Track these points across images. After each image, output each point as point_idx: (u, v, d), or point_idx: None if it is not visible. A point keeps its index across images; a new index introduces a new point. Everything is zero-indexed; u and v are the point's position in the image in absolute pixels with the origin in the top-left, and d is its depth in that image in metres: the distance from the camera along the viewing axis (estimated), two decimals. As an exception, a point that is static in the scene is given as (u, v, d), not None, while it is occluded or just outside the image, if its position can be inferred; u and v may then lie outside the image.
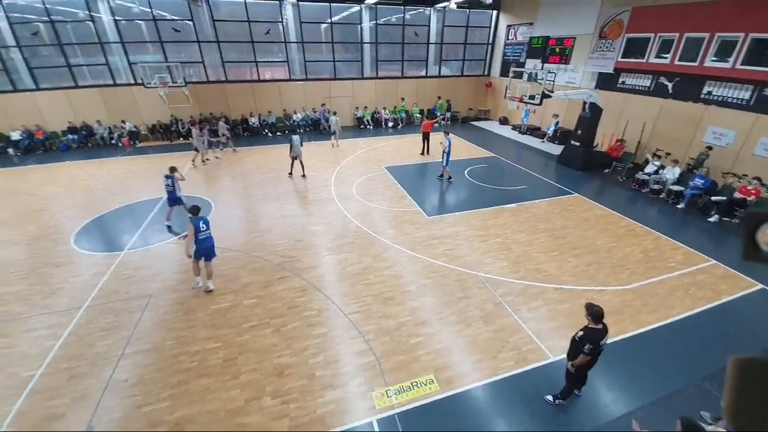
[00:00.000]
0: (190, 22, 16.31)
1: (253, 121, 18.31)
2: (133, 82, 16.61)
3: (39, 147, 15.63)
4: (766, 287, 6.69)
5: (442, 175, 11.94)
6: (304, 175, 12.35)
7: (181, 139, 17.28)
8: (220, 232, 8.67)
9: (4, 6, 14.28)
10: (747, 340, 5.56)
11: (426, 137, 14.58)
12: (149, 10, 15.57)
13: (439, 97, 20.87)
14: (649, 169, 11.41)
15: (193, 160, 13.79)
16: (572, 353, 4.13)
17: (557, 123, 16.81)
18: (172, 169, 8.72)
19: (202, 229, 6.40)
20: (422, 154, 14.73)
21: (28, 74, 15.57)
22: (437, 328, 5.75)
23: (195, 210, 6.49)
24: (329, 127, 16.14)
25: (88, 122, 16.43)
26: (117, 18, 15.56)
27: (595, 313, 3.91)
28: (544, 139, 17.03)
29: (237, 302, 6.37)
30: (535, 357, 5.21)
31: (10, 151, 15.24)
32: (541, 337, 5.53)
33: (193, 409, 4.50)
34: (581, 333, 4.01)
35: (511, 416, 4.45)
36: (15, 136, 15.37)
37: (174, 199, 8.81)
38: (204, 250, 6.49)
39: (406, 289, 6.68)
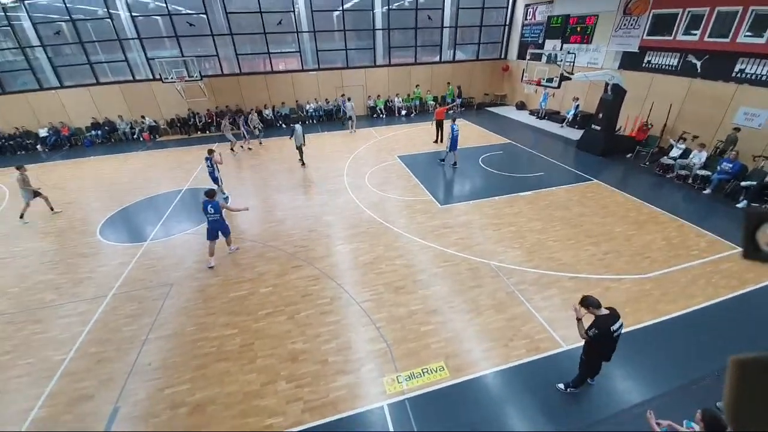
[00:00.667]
0: (204, 16, 16.47)
1: (267, 113, 18.46)
2: (151, 77, 17.01)
3: (65, 143, 16.33)
4: (798, 276, 6.35)
5: (454, 163, 11.87)
6: (303, 163, 12.67)
7: (199, 132, 17.68)
8: (237, 222, 8.94)
9: (26, 7, 14.79)
10: (774, 331, 5.32)
11: (440, 125, 14.37)
12: (164, 5, 15.80)
13: (449, 83, 20.46)
14: (674, 153, 10.89)
15: (232, 149, 14.67)
16: (585, 346, 4.12)
17: (577, 106, 16.20)
18: (210, 151, 9.65)
19: (209, 212, 6.97)
20: (436, 142, 14.54)
21: (52, 73, 16.18)
22: (448, 317, 5.76)
23: (209, 193, 7.09)
24: (345, 114, 16.41)
25: (110, 118, 16.99)
26: (134, 14, 15.87)
27: (592, 302, 3.86)
28: (564, 123, 16.47)
29: (254, 290, 6.57)
30: (547, 346, 5.16)
31: (39, 147, 16.01)
32: (555, 326, 5.46)
33: (213, 392, 4.71)
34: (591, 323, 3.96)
35: (522, 403, 4.45)
36: (42, 133, 16.11)
37: (214, 179, 9.78)
38: (213, 230, 7.15)
39: (418, 278, 6.70)
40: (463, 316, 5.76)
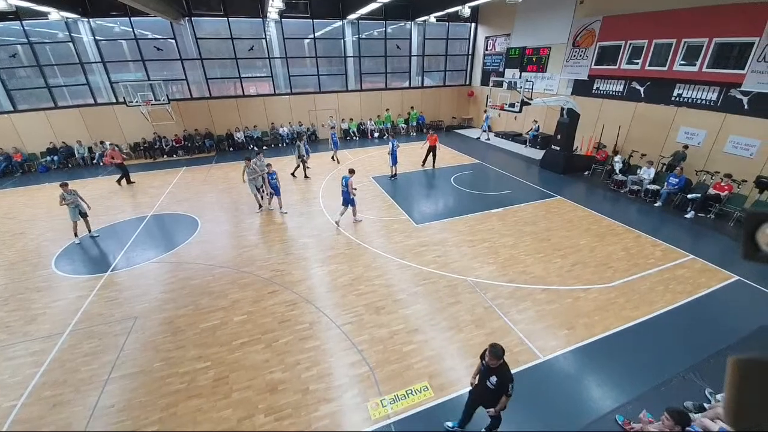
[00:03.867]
0: (173, 41, 16.34)
1: (239, 136, 18.27)
2: (114, 101, 16.45)
3: (17, 170, 15.25)
4: (742, 278, 6.96)
5: (394, 176, 13.27)
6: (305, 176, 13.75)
7: (165, 156, 17.12)
8: (207, 248, 8.63)
9: (-21, 29, 14.08)
10: (726, 331, 5.74)
11: (431, 150, 14.28)
12: (130, 29, 15.56)
13: (413, 108, 21.47)
14: (616, 166, 11.91)
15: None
16: (489, 398, 3.78)
17: (538, 128, 17.30)
18: (351, 171, 9.46)
19: (342, 185, 9.15)
20: (423, 165, 14.67)
21: (5, 96, 15.26)
22: (430, 335, 5.78)
23: (350, 171, 9.26)
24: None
25: (68, 143, 16.12)
26: (98, 38, 15.48)
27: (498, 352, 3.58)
28: (526, 144, 17.46)
29: (227, 319, 6.29)
30: (525, 358, 5.28)
31: (-15, 175, 14.85)
32: (531, 338, 5.61)
33: None
34: (495, 378, 3.61)
35: (505, 416, 4.47)
36: (-9, 159, 14.99)
37: (346, 200, 9.43)
38: (345, 199, 9.30)
39: (398, 297, 6.71)
40: (444, 334, 5.80)
